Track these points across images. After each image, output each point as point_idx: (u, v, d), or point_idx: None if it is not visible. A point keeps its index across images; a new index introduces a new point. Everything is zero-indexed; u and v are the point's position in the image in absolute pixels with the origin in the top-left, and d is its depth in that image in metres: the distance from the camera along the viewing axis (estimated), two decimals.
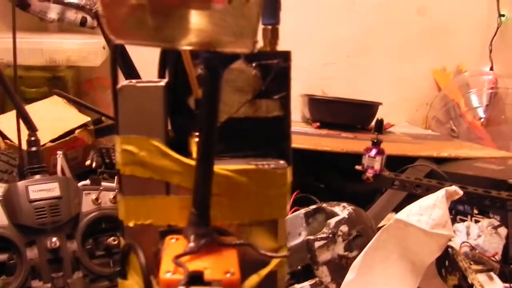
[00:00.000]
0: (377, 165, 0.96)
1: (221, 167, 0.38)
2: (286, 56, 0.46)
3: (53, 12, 1.57)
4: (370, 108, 1.58)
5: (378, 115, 1.62)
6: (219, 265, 0.35)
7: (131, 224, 0.41)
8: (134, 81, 0.43)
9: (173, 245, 0.36)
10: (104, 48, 1.44)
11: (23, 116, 0.86)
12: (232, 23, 0.32)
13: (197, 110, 0.43)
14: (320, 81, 1.82)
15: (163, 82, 0.44)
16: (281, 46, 0.60)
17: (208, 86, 0.35)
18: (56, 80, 1.52)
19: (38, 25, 1.60)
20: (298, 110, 1.70)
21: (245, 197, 0.40)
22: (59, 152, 1.07)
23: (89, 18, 1.56)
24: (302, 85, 1.74)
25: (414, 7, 1.92)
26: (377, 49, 1.90)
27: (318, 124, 1.52)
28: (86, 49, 1.44)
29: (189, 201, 0.37)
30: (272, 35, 0.46)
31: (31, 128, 0.85)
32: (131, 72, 1.13)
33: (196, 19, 0.32)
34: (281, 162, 0.43)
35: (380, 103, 1.59)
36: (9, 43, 1.42)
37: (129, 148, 0.40)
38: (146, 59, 0.67)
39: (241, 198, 0.40)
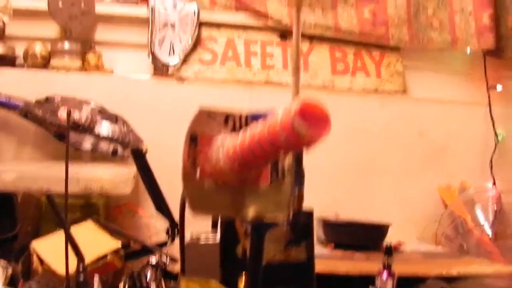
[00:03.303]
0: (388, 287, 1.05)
1: None
2: (309, 214, 0.59)
3: (88, 142, 1.72)
4: (381, 229, 1.69)
5: (389, 234, 1.72)
6: None
7: None
8: (195, 237, 0.55)
9: None
10: (134, 177, 1.58)
11: (74, 247, 0.97)
12: (272, 198, 0.45)
13: (243, 257, 0.54)
14: (333, 202, 1.94)
15: (217, 239, 0.55)
16: None
17: (255, 245, 0.47)
18: (88, 207, 1.64)
19: (72, 154, 1.74)
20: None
21: None
22: (96, 275, 1.17)
23: (120, 149, 1.71)
24: (315, 207, 1.85)
25: (416, 130, 2.07)
26: (385, 171, 2.03)
27: (332, 245, 1.62)
28: (118, 178, 1.58)
29: None
30: (299, 197, 0.59)
31: (80, 258, 0.96)
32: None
33: (249, 197, 0.44)
34: None
35: (390, 224, 1.70)
36: (49, 172, 1.58)
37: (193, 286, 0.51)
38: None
39: None
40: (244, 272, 0.53)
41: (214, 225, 0.60)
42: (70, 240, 0.99)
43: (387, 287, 1.07)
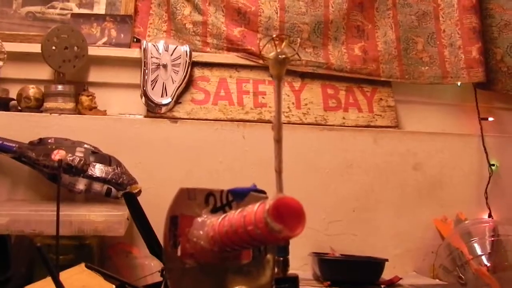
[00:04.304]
0: None
1: None
2: (294, 279, 0.59)
3: (81, 184, 1.72)
4: (377, 264, 1.68)
5: (386, 268, 1.71)
6: None
7: None
8: None
9: None
10: (128, 219, 1.58)
11: None
12: (255, 274, 0.45)
13: None
14: (328, 238, 1.93)
15: None
16: None
17: None
18: (82, 248, 1.63)
19: (66, 196, 1.74)
20: (308, 266, 1.80)
21: None
22: None
23: (113, 190, 1.72)
24: (311, 243, 1.85)
25: (410, 163, 2.08)
26: (380, 205, 2.02)
27: (328, 282, 1.61)
28: (112, 220, 1.57)
29: None
30: (284, 264, 0.59)
31: None
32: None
33: (231, 274, 0.45)
34: None
35: (386, 260, 1.69)
36: (42, 215, 1.57)
37: None
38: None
39: None
40: None
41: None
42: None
43: None
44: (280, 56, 0.79)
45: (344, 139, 2.01)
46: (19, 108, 1.84)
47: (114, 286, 1.43)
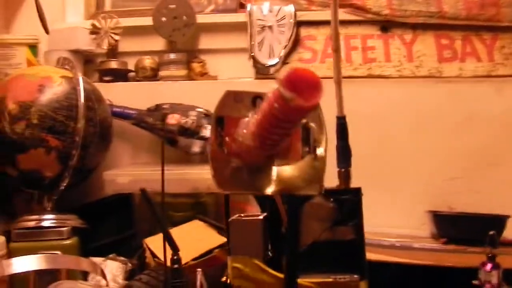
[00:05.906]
0: (494, 280, 0.98)
1: (305, 280, 0.49)
2: (356, 192, 0.58)
3: (197, 146, 1.81)
4: (497, 221, 1.56)
5: (510, 227, 1.59)
6: None
7: None
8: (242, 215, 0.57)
9: None
10: None
11: (168, 239, 1.03)
12: (304, 173, 0.45)
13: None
14: (447, 196, 1.83)
15: (261, 216, 0.57)
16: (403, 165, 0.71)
17: (290, 218, 0.47)
18: (199, 205, 1.72)
19: (184, 158, 1.84)
20: (426, 226, 1.73)
21: None
22: (199, 270, 1.23)
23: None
24: (428, 201, 1.78)
25: None
26: (505, 160, 1.87)
27: (445, 239, 1.54)
28: None
29: None
30: (345, 176, 0.58)
31: (174, 248, 1.02)
32: None
33: (277, 173, 0.45)
34: (355, 276, 0.53)
35: (508, 216, 1.57)
36: (158, 174, 1.68)
37: (237, 265, 0.52)
38: None
39: None
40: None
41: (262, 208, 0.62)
42: (165, 233, 1.05)
43: (492, 280, 1.00)
44: None
45: (462, 91, 1.89)
46: (137, 78, 1.97)
47: (226, 239, 1.49)
